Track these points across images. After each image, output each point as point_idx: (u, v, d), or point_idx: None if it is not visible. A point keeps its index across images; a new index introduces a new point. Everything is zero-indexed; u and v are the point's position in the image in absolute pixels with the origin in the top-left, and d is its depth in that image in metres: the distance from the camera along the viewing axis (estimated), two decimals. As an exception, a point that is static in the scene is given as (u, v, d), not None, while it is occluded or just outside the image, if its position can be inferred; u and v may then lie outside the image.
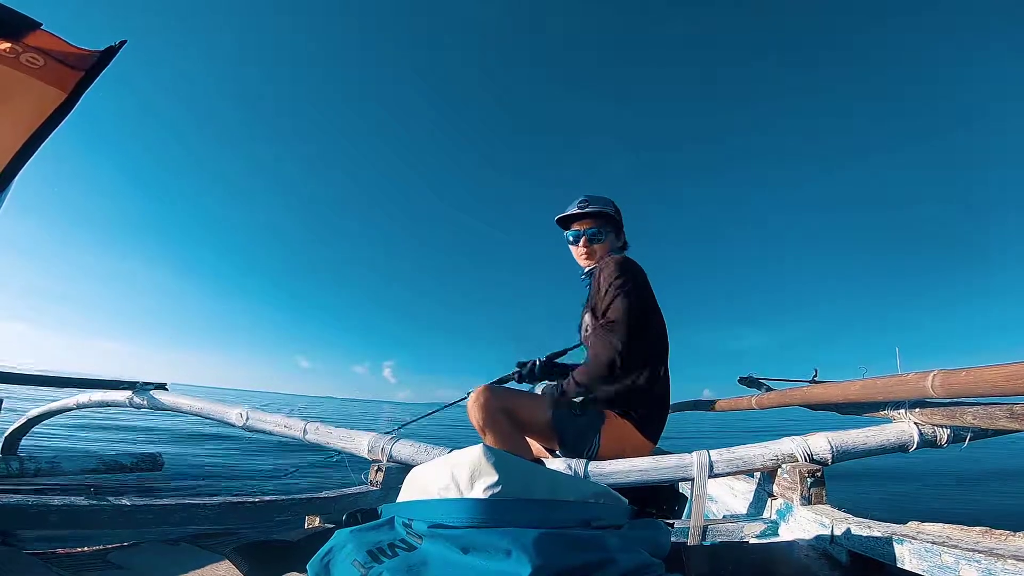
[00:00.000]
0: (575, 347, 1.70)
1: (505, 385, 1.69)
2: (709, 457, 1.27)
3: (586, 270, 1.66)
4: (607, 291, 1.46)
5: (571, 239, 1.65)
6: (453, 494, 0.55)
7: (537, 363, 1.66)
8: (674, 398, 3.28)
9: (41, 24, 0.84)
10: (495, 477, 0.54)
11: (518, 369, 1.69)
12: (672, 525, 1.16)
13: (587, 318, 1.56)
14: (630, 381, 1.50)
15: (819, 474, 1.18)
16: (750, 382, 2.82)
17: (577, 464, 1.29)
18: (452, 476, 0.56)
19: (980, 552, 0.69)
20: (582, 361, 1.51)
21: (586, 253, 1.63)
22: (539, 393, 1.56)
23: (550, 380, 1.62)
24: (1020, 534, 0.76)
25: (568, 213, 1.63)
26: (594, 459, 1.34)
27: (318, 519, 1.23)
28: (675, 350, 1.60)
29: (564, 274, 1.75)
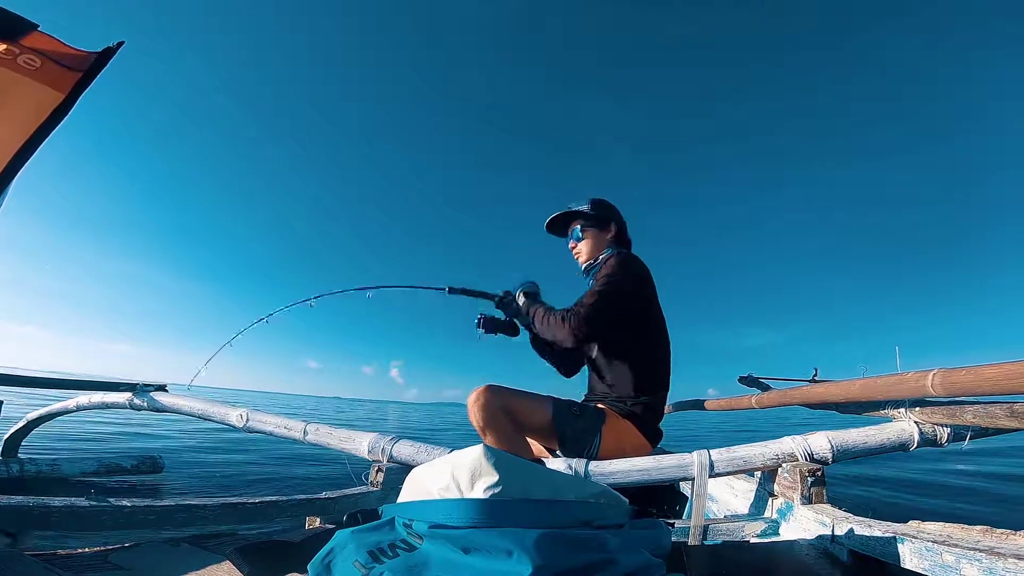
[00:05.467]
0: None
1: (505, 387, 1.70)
2: (710, 456, 1.27)
3: (583, 267, 1.71)
4: (597, 281, 1.51)
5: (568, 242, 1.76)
6: (454, 494, 0.55)
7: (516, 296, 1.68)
8: (679, 397, 3.27)
9: (38, 25, 0.83)
10: (495, 477, 0.54)
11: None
12: (673, 525, 1.16)
13: None
14: (634, 379, 1.51)
15: (819, 473, 1.18)
16: (750, 381, 2.83)
17: (578, 464, 1.29)
18: (452, 476, 0.56)
19: (981, 551, 0.69)
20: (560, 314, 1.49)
21: (575, 251, 1.73)
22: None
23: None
24: (1021, 533, 0.76)
25: (551, 218, 1.75)
26: (594, 459, 1.34)
27: (319, 520, 1.23)
28: (681, 350, 1.62)
29: (566, 272, 1.79)
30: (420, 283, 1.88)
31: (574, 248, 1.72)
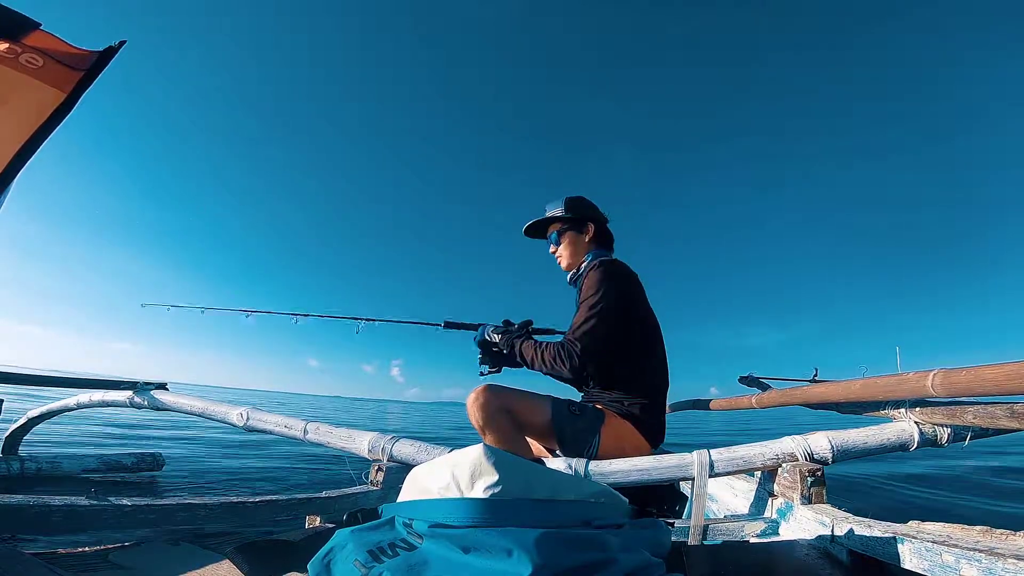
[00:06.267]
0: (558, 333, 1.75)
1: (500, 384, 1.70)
2: (709, 456, 1.27)
3: (569, 275, 1.71)
4: (581, 305, 1.49)
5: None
6: (454, 494, 0.55)
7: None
8: (681, 397, 3.28)
9: (40, 24, 0.84)
10: (495, 477, 0.54)
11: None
12: (673, 524, 1.16)
13: None
14: (629, 381, 1.51)
15: (819, 473, 1.18)
16: (750, 381, 2.83)
17: (577, 463, 1.29)
18: (452, 476, 0.56)
19: (980, 551, 0.69)
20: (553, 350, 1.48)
21: (556, 255, 1.73)
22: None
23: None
24: (1020, 533, 0.76)
25: (527, 227, 1.74)
26: (594, 458, 1.34)
27: (319, 519, 1.23)
28: (683, 349, 1.62)
29: (561, 275, 1.79)
30: (416, 319, 1.95)
31: (555, 252, 1.73)
